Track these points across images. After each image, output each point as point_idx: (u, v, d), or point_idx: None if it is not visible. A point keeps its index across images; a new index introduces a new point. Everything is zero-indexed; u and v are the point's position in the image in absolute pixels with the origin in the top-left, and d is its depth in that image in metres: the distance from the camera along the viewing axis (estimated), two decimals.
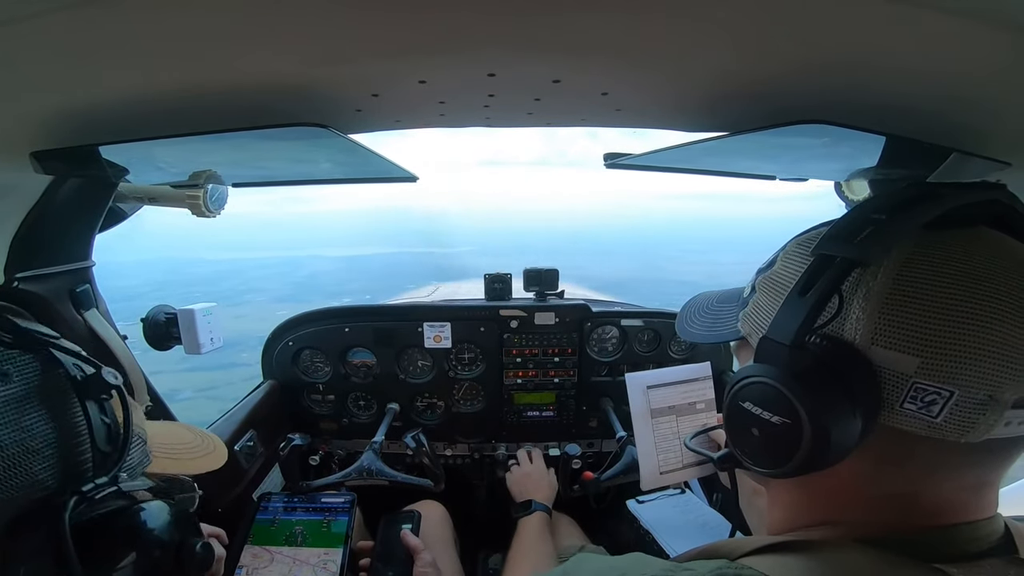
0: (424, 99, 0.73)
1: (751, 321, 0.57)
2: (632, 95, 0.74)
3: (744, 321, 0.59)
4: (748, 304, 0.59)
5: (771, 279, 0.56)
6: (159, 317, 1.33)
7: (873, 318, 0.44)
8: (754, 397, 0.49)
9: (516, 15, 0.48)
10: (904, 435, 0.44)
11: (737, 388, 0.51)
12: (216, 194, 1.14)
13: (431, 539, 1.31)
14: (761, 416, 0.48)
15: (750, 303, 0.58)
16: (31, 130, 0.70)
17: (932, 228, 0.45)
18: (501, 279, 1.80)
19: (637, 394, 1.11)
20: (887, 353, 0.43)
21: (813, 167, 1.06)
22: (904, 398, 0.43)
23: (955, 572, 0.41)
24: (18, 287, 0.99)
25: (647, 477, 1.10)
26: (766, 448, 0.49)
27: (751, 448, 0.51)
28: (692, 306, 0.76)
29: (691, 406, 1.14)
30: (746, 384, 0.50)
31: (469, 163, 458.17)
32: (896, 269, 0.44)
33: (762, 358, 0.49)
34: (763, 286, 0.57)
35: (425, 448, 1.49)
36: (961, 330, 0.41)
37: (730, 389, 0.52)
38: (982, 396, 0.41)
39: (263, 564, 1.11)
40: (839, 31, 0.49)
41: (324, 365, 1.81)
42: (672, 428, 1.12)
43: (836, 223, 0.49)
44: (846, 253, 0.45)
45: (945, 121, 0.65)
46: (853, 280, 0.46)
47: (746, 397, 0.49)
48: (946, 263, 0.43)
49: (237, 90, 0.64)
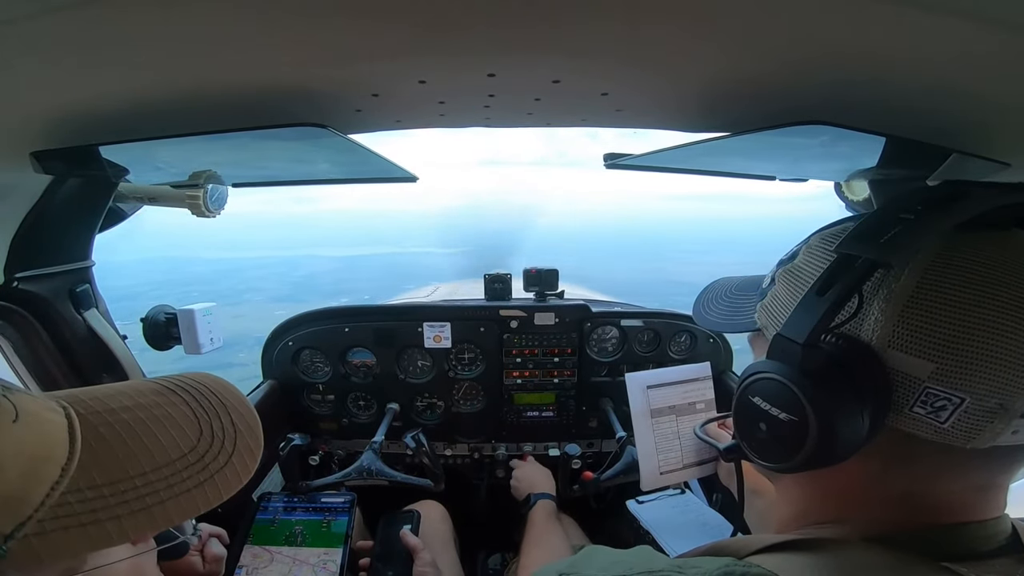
0: (424, 99, 0.73)
1: (768, 313, 0.57)
2: (632, 95, 0.74)
3: (761, 313, 0.58)
4: (766, 295, 0.58)
5: (792, 272, 0.55)
6: (159, 317, 1.33)
7: (892, 321, 0.43)
8: (764, 393, 0.49)
9: (516, 15, 0.48)
10: (910, 437, 0.44)
11: (748, 383, 0.51)
12: (216, 194, 1.14)
13: (431, 539, 1.31)
14: (770, 412, 0.48)
15: (768, 294, 0.58)
16: (31, 130, 0.70)
17: (962, 229, 0.44)
18: (501, 279, 1.80)
19: (637, 394, 1.11)
20: (903, 357, 0.43)
21: (813, 167, 1.06)
22: (914, 402, 0.42)
23: (965, 571, 0.41)
24: (18, 287, 0.99)
25: (647, 477, 1.10)
26: (773, 443, 0.49)
27: (758, 442, 0.51)
28: (711, 292, 0.74)
29: (691, 406, 1.14)
30: (757, 379, 0.49)
31: (469, 162, 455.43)
32: (920, 273, 0.43)
33: (775, 354, 0.49)
34: (783, 278, 0.56)
35: (425, 448, 1.49)
36: (979, 337, 0.40)
37: (741, 383, 0.52)
38: (993, 404, 0.40)
39: (263, 564, 1.11)
40: (839, 31, 0.48)
41: (324, 365, 1.81)
42: (672, 428, 1.12)
43: (863, 221, 0.48)
44: (871, 254, 0.44)
45: (945, 121, 0.65)
46: (875, 281, 0.45)
47: (756, 392, 0.49)
48: (972, 267, 0.42)
49: (237, 90, 0.64)
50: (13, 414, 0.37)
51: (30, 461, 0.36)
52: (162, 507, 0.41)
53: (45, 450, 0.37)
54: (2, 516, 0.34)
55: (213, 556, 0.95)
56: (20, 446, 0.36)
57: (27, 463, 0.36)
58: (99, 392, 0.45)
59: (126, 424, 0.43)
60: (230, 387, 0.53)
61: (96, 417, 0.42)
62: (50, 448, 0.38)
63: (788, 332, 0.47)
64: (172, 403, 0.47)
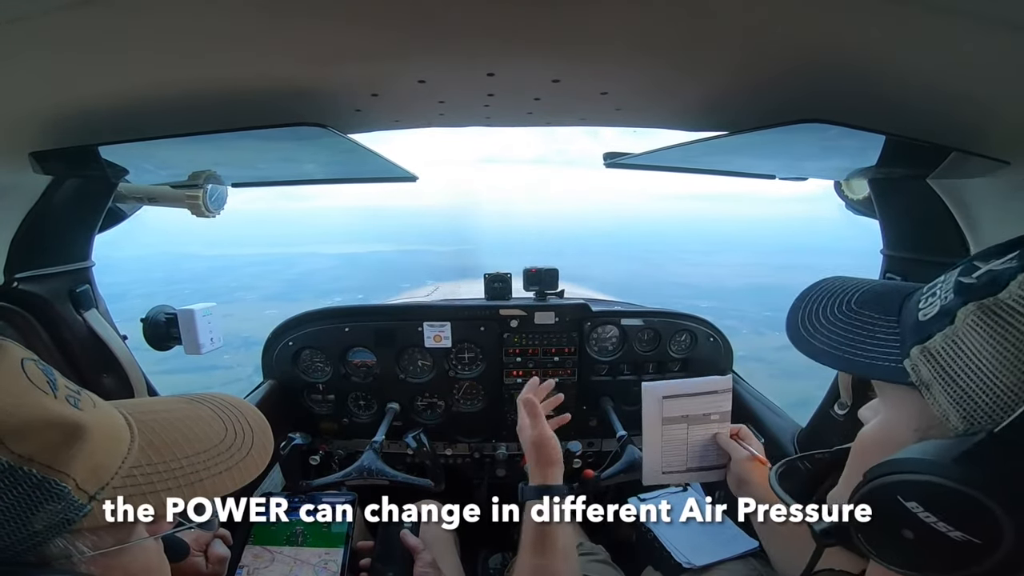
0: (424, 99, 0.73)
1: (943, 371, 0.38)
2: (632, 95, 0.74)
3: (925, 363, 0.40)
4: (937, 337, 0.39)
5: (1002, 314, 0.36)
6: (159, 317, 1.33)
7: None
8: (932, 502, 0.35)
9: (516, 15, 0.48)
10: None
11: (901, 482, 0.37)
12: (216, 194, 1.14)
13: (431, 539, 1.30)
14: (934, 526, 0.35)
15: (942, 337, 0.39)
16: (31, 130, 0.70)
17: None
18: (501, 278, 1.80)
19: (651, 403, 1.10)
20: None
21: (813, 166, 1.07)
22: None
23: None
24: (18, 287, 0.99)
25: (649, 473, 1.11)
26: (915, 551, 0.37)
27: (888, 541, 0.39)
28: (816, 297, 0.52)
29: (705, 416, 1.12)
30: (921, 483, 0.36)
31: (468, 161, 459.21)
32: None
33: (967, 452, 0.34)
34: (981, 320, 0.37)
35: (425, 448, 1.49)
36: None
37: (888, 476, 0.38)
38: None
39: (264, 564, 1.11)
40: (839, 30, 0.49)
41: (324, 365, 1.81)
42: (682, 434, 1.11)
43: None
44: None
45: (945, 120, 0.65)
46: None
47: (915, 497, 0.36)
48: None
49: (237, 90, 0.64)
50: (92, 403, 0.46)
51: (109, 438, 0.45)
52: (202, 484, 0.50)
53: (116, 431, 0.47)
54: (91, 479, 0.43)
55: (217, 557, 0.95)
56: (102, 426, 0.45)
57: (108, 439, 0.45)
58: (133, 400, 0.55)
59: (167, 420, 0.52)
60: (240, 399, 0.62)
61: (140, 415, 0.50)
62: (119, 430, 0.47)
63: (995, 416, 0.34)
64: (198, 408, 0.56)
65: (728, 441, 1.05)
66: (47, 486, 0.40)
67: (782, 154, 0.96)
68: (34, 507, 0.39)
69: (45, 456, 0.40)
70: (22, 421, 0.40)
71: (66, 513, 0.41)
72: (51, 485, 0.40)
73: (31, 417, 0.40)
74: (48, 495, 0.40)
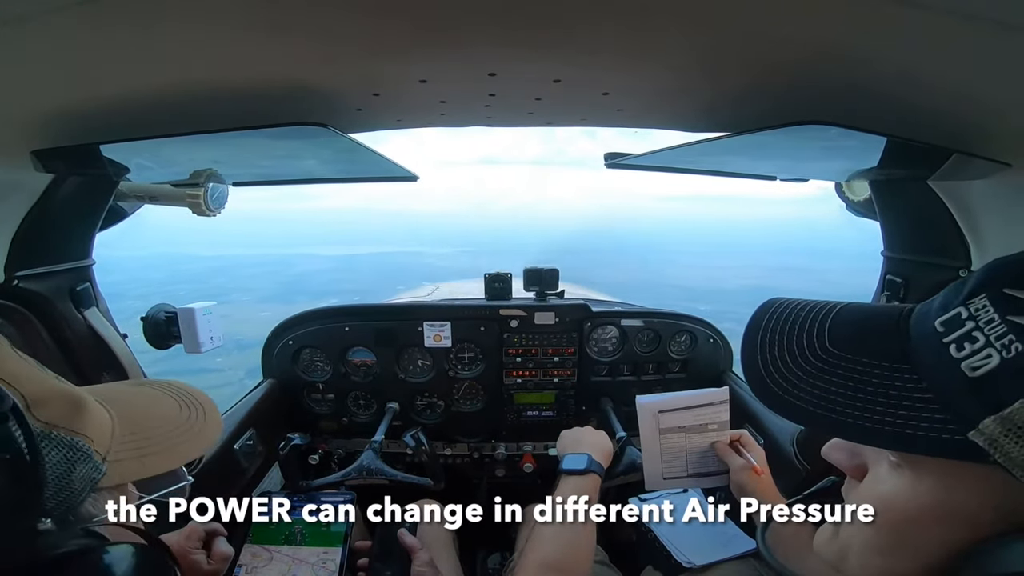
0: (425, 98, 0.73)
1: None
2: (633, 95, 0.74)
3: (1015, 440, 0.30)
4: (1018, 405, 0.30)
5: None
6: (159, 316, 1.33)
7: None
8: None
9: (517, 15, 0.48)
10: None
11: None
12: (216, 193, 1.14)
13: (430, 538, 1.30)
14: None
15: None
16: (32, 129, 0.70)
17: None
18: (501, 278, 1.80)
19: (647, 417, 1.11)
20: None
21: (813, 167, 1.07)
22: None
23: None
24: (18, 285, 0.99)
25: (651, 479, 1.12)
26: None
27: None
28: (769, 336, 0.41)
29: (702, 426, 1.13)
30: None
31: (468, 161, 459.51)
32: None
33: None
34: None
35: (425, 447, 1.49)
36: None
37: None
38: None
39: (262, 563, 1.11)
40: (839, 31, 0.49)
41: (324, 364, 1.81)
42: (680, 443, 1.12)
43: None
44: None
45: (945, 121, 0.65)
46: None
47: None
48: None
49: (238, 89, 0.64)
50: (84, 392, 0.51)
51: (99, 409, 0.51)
52: (173, 451, 0.57)
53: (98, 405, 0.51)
54: (102, 441, 0.48)
55: (220, 555, 0.95)
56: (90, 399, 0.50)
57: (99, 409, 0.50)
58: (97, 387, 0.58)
59: (131, 401, 0.58)
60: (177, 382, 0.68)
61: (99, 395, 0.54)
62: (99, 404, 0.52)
63: None
64: (155, 391, 0.64)
65: (725, 451, 1.05)
66: (77, 446, 0.45)
67: (783, 155, 0.96)
68: (71, 466, 0.44)
69: (65, 421, 0.45)
70: (41, 390, 0.44)
71: (92, 472, 0.46)
72: (79, 445, 0.45)
73: (44, 388, 0.45)
74: (79, 455, 0.45)
